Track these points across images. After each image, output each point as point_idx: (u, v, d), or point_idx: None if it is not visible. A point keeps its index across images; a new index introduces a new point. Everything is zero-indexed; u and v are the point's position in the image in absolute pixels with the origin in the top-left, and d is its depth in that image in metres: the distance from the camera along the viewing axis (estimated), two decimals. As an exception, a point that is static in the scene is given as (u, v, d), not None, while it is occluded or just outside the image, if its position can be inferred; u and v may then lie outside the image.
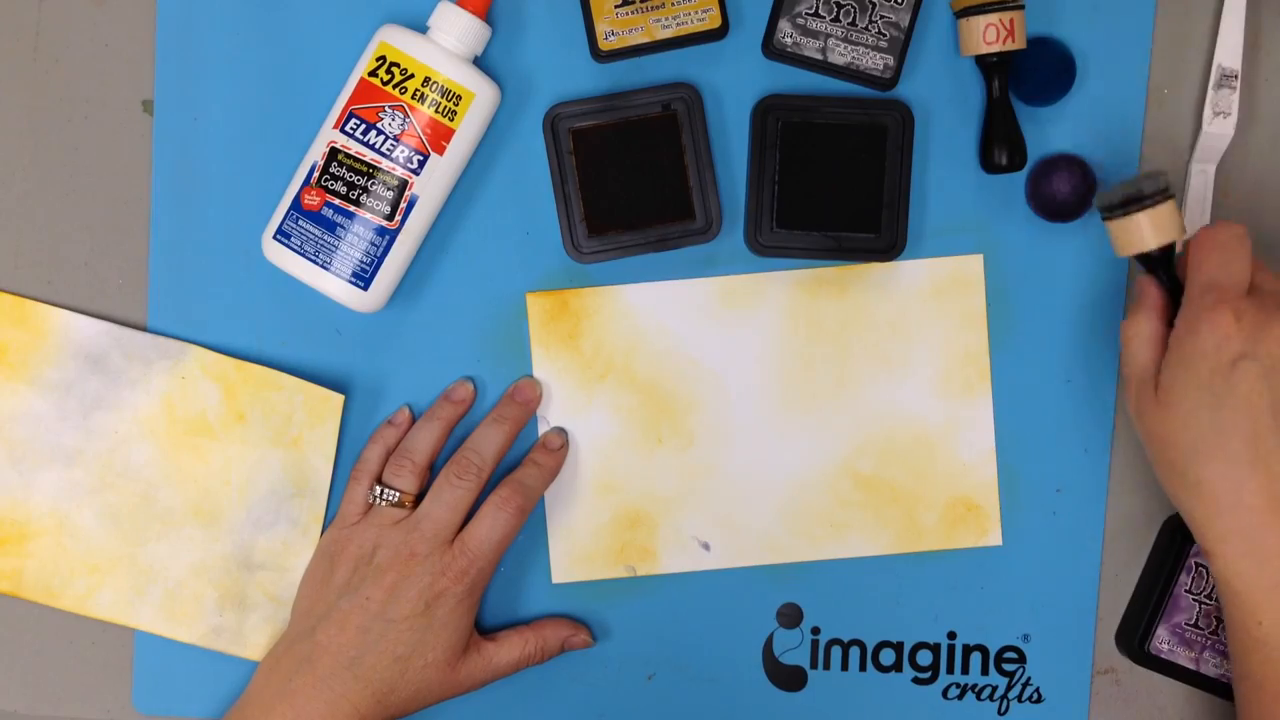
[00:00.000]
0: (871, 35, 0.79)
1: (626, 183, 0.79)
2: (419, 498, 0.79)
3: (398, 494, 0.79)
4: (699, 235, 0.79)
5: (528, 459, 0.81)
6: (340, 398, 0.81)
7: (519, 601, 0.83)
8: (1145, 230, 0.73)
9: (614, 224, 0.79)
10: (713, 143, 0.81)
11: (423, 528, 0.77)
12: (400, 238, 0.77)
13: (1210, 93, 0.81)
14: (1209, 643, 0.79)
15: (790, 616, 0.83)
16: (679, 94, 0.79)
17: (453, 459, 0.79)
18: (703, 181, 0.79)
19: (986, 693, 0.83)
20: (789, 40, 0.79)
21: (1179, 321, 0.70)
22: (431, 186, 0.77)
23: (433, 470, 0.80)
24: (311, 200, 0.77)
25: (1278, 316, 0.67)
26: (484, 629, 0.82)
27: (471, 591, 0.77)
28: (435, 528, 0.77)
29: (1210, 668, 0.80)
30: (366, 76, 0.77)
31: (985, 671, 0.83)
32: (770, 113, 0.79)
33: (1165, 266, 0.73)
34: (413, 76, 0.76)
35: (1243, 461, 0.65)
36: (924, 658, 0.83)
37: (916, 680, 0.83)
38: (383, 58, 0.77)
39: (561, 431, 0.82)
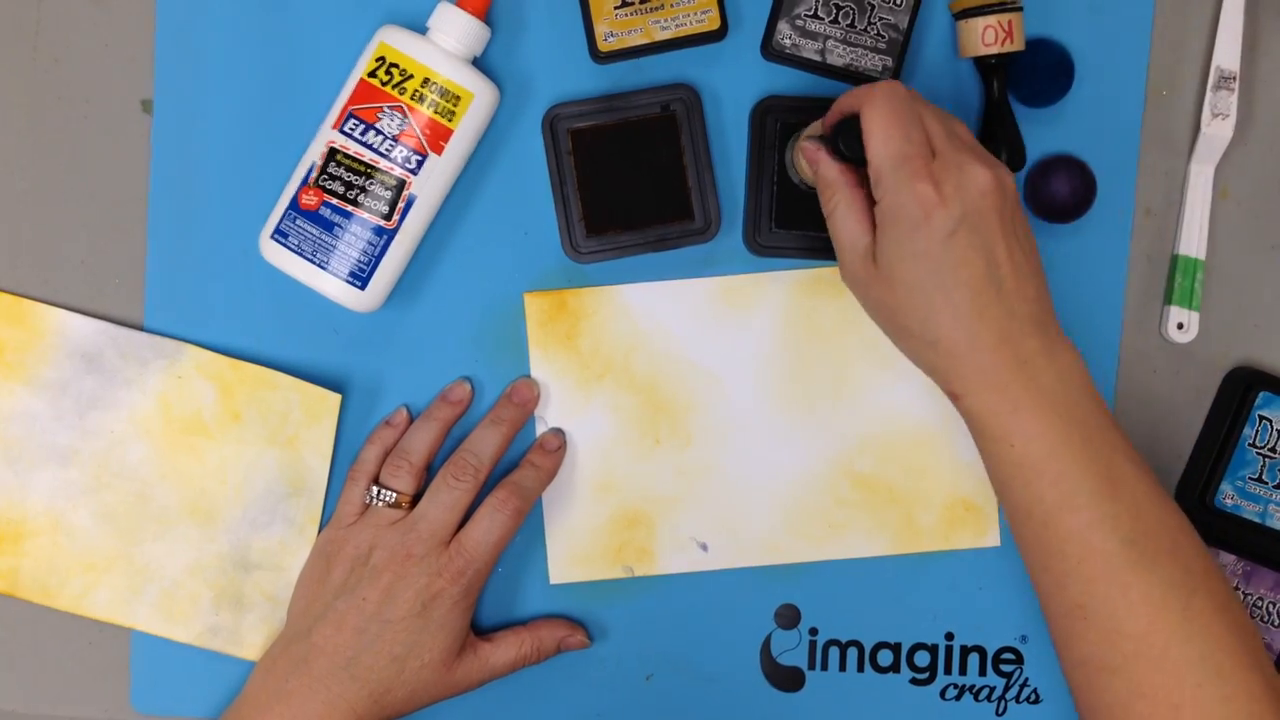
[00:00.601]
0: (870, 37, 0.79)
1: (625, 183, 0.79)
2: (416, 498, 0.79)
3: (395, 494, 0.78)
4: (698, 235, 0.79)
5: (525, 460, 0.80)
6: (337, 397, 0.81)
7: (516, 602, 0.82)
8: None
9: (612, 224, 0.79)
10: (711, 143, 0.81)
11: (419, 529, 0.77)
12: (398, 237, 0.77)
13: (1209, 94, 0.81)
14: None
15: (788, 617, 0.83)
16: (678, 95, 0.79)
17: (450, 460, 0.79)
18: (701, 182, 0.79)
19: (984, 693, 0.83)
20: (788, 42, 0.79)
21: (882, 199, 0.69)
22: (429, 187, 0.77)
23: (430, 471, 0.80)
24: (309, 200, 0.77)
25: (969, 170, 0.69)
26: (481, 629, 0.82)
27: (468, 593, 0.77)
28: (432, 528, 0.77)
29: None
30: (366, 77, 0.77)
31: (983, 672, 0.83)
32: (769, 114, 0.79)
33: (841, 138, 0.71)
34: (412, 77, 0.76)
35: (970, 312, 0.69)
36: (922, 658, 0.83)
37: (914, 681, 0.83)
38: (382, 58, 0.77)
39: (559, 432, 0.82)
